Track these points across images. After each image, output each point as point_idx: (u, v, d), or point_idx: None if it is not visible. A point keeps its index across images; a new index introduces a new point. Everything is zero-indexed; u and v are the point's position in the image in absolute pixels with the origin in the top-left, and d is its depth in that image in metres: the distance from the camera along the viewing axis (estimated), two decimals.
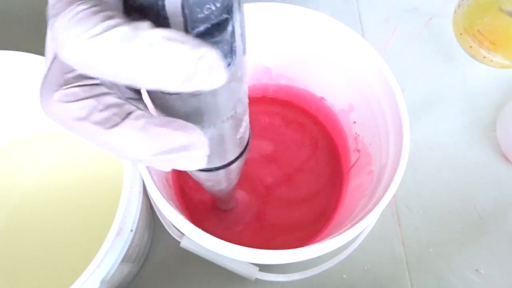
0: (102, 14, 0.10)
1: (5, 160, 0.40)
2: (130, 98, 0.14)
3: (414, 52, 0.50)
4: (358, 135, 0.37)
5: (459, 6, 0.46)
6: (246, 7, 0.31)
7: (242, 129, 0.22)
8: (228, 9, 0.13)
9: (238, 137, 0.22)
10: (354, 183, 0.37)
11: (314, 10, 0.32)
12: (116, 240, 0.27)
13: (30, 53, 0.30)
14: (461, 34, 0.46)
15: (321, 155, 0.42)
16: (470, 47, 0.45)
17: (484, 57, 0.44)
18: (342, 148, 0.41)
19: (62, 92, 0.12)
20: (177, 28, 0.12)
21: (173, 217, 0.26)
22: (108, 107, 0.12)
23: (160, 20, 0.12)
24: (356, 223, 0.26)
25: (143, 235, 0.35)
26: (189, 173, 0.25)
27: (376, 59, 0.31)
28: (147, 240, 0.38)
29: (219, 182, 0.25)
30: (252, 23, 0.33)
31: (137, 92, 0.15)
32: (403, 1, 0.53)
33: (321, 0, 0.53)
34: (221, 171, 0.24)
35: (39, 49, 0.30)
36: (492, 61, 0.44)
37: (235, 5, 0.13)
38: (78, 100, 0.12)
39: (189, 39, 0.11)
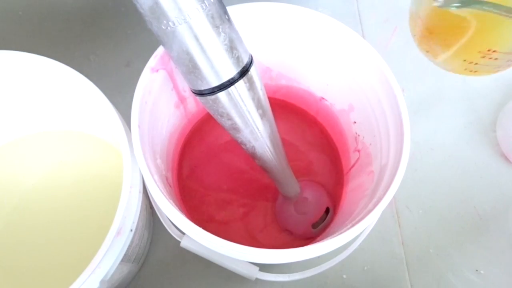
0: None
1: (5, 160, 0.40)
2: None
3: (414, 52, 0.50)
4: (358, 135, 0.37)
5: None
6: (246, 6, 0.32)
7: (226, 34, 0.23)
8: None
9: (224, 42, 0.22)
10: (354, 183, 0.37)
11: (314, 10, 0.32)
12: (115, 240, 0.27)
13: (30, 53, 0.30)
14: (410, 19, 0.37)
15: (321, 155, 0.42)
16: (414, 35, 0.37)
17: (427, 51, 0.36)
18: (342, 148, 0.41)
19: None
20: None
21: (173, 215, 0.26)
22: None
23: None
24: (356, 223, 0.26)
25: (143, 235, 0.35)
26: (207, 108, 0.26)
27: (376, 59, 0.31)
28: (147, 240, 0.38)
29: (236, 123, 0.26)
30: (252, 23, 0.33)
31: None
32: (403, 1, 0.53)
33: (321, 0, 0.53)
34: (223, 98, 0.24)
35: (39, 49, 0.30)
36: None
37: None
38: None
39: None
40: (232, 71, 0.24)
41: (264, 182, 0.39)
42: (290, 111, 0.43)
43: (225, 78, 0.24)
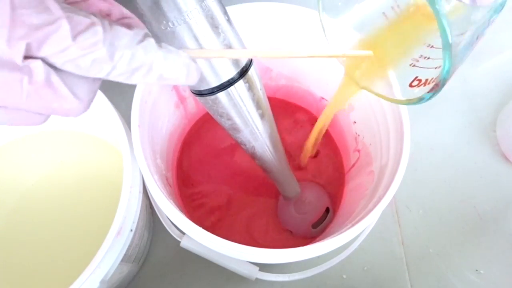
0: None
1: (5, 160, 0.40)
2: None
3: None
4: (358, 135, 0.37)
5: None
6: (246, 6, 0.32)
7: (226, 34, 0.23)
8: None
9: (223, 43, 0.23)
10: (354, 183, 0.37)
11: (314, 10, 0.32)
12: (116, 240, 0.27)
13: None
14: None
15: (321, 155, 0.41)
16: None
17: None
18: (342, 148, 0.41)
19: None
20: None
21: (173, 215, 0.26)
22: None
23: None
24: (356, 223, 0.26)
25: (143, 235, 0.35)
26: (207, 109, 0.26)
27: None
28: (147, 240, 0.38)
29: (236, 123, 0.26)
30: (252, 22, 0.33)
31: None
32: None
33: None
34: (222, 98, 0.25)
35: None
36: None
37: None
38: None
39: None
40: (231, 71, 0.24)
41: (264, 181, 0.39)
42: (290, 111, 0.43)
43: (224, 78, 0.24)
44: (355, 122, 0.37)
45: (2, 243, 0.37)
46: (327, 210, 0.38)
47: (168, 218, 0.27)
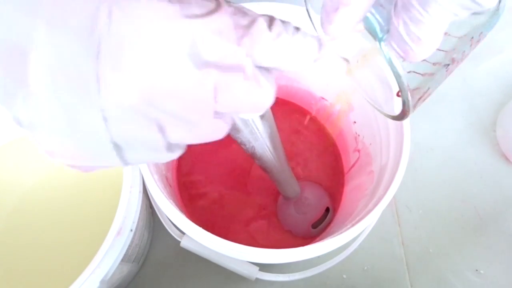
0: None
1: (5, 160, 0.40)
2: None
3: None
4: (358, 135, 0.37)
5: None
6: (246, 6, 0.32)
7: None
8: None
9: None
10: (354, 183, 0.37)
11: (313, 11, 0.32)
12: (116, 240, 0.27)
13: None
14: None
15: (321, 155, 0.42)
16: None
17: None
18: (342, 148, 0.41)
19: None
20: None
21: (173, 215, 0.26)
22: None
23: None
24: (356, 223, 0.26)
25: (143, 235, 0.35)
26: None
27: None
28: (147, 239, 0.38)
29: (235, 123, 0.26)
30: None
31: None
32: None
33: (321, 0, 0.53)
34: None
35: None
36: None
37: None
38: None
39: None
40: None
41: (264, 181, 0.39)
42: (290, 111, 0.43)
43: None
44: (355, 122, 0.37)
45: (2, 243, 0.37)
46: (327, 210, 0.38)
47: (168, 218, 0.27)
